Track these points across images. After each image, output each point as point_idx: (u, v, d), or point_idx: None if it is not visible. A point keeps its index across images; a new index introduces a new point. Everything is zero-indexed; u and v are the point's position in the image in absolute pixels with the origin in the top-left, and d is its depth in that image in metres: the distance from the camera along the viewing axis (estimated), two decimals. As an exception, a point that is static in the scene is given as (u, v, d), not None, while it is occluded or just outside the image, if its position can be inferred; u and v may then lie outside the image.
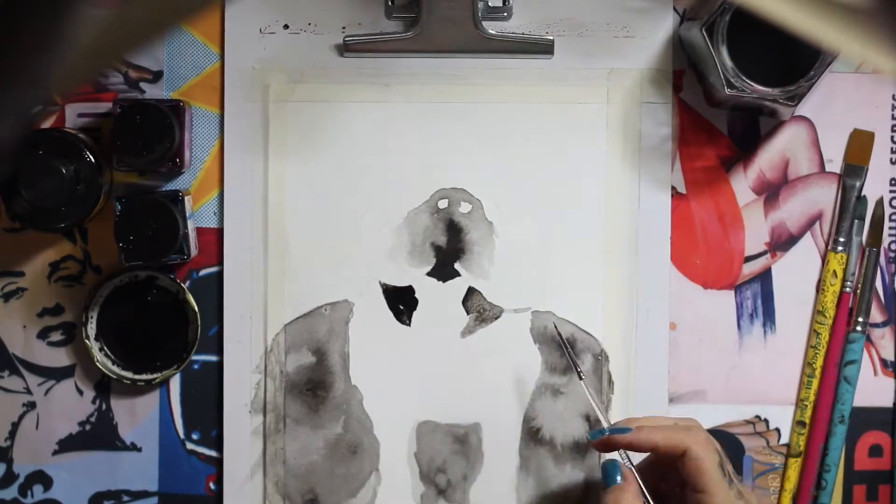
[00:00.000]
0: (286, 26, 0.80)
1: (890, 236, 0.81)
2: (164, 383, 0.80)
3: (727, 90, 0.73)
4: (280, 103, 0.79)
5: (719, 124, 0.80)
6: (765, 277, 0.81)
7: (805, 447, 0.80)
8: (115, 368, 0.79)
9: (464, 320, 0.80)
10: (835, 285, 0.80)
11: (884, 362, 0.81)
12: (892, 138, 0.81)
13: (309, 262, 0.80)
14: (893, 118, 0.81)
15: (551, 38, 0.79)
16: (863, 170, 0.80)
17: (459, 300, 0.80)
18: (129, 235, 0.75)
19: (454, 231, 0.80)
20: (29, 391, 0.80)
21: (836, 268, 0.80)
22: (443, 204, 0.80)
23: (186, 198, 0.77)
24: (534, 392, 0.80)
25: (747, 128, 0.80)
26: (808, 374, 0.80)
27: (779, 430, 0.81)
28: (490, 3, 0.79)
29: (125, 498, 0.80)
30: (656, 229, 0.80)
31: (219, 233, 0.80)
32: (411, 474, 0.80)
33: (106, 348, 0.79)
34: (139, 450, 0.80)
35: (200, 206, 0.80)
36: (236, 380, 0.80)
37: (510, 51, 0.79)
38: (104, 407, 0.80)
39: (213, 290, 0.80)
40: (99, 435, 0.80)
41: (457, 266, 0.80)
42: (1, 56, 0.33)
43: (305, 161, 0.79)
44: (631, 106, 0.80)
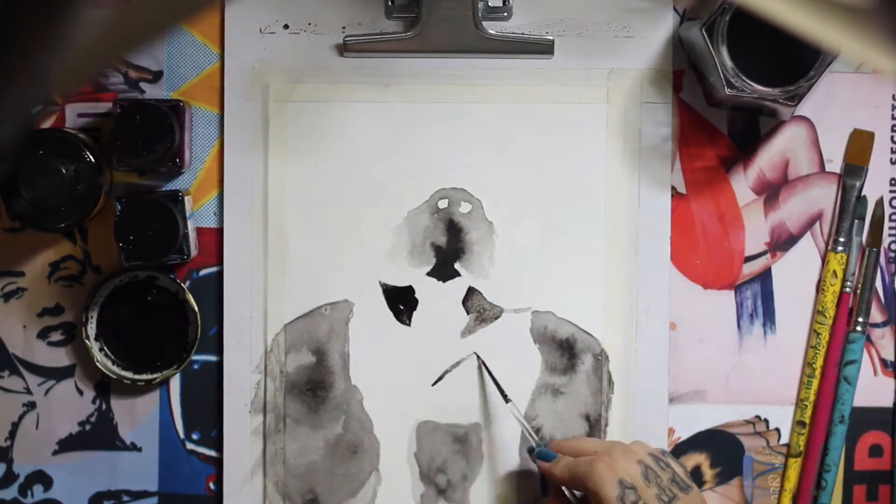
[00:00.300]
0: (286, 26, 0.80)
1: (890, 236, 0.81)
2: (164, 383, 0.80)
3: (727, 90, 0.73)
4: (280, 103, 0.79)
5: (719, 124, 0.80)
6: (765, 277, 0.81)
7: (805, 447, 0.80)
8: (115, 368, 0.79)
9: (464, 320, 0.80)
10: (835, 285, 0.80)
11: (884, 362, 0.81)
12: (892, 138, 0.81)
13: (309, 262, 0.80)
14: (893, 118, 0.81)
15: (551, 38, 0.79)
16: (863, 170, 0.80)
17: (459, 300, 0.80)
18: (129, 235, 0.75)
19: (454, 231, 0.80)
20: (29, 391, 0.80)
21: (836, 268, 0.80)
22: (443, 204, 0.80)
23: (186, 198, 0.77)
24: (534, 392, 0.80)
25: (747, 128, 0.80)
26: (808, 374, 0.80)
27: (779, 430, 0.81)
28: (490, 3, 0.79)
29: (125, 498, 0.80)
30: (656, 229, 0.80)
31: (219, 233, 0.80)
32: (411, 474, 0.80)
33: (106, 348, 0.79)
34: (139, 450, 0.80)
35: (200, 206, 0.80)
36: (236, 380, 0.80)
37: (510, 51, 0.79)
38: (104, 407, 0.80)
39: (213, 290, 0.80)
40: (99, 435, 0.80)
41: (457, 266, 0.80)
42: (1, 56, 0.33)
43: (305, 161, 0.79)
44: (631, 106, 0.80)
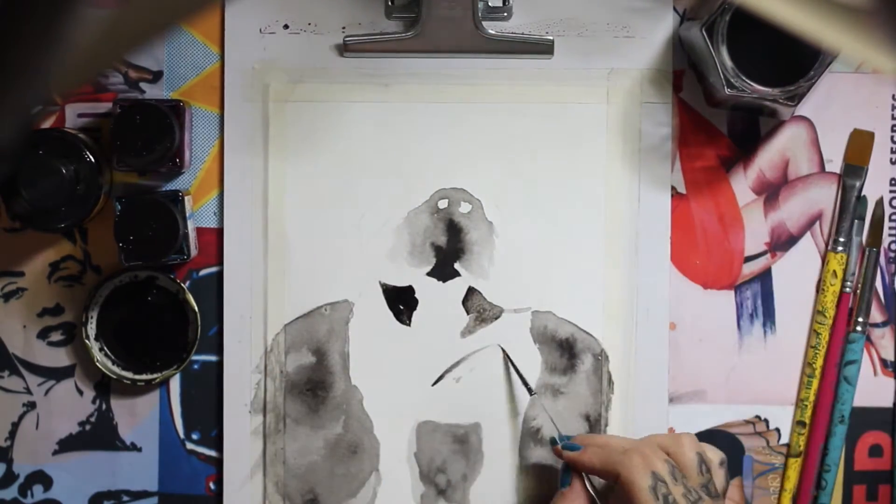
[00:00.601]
0: (286, 26, 0.80)
1: (890, 236, 0.81)
2: (164, 383, 0.80)
3: (727, 90, 0.73)
4: (280, 103, 0.79)
5: (719, 124, 0.80)
6: (765, 277, 0.81)
7: (805, 447, 0.80)
8: (115, 368, 0.79)
9: (464, 320, 0.80)
10: (835, 285, 0.80)
11: (884, 362, 0.81)
12: (892, 138, 0.81)
13: (309, 262, 0.80)
14: (893, 118, 0.81)
15: (551, 38, 0.79)
16: (863, 170, 0.80)
17: (459, 300, 0.80)
18: (129, 235, 0.75)
19: (454, 231, 0.80)
20: (29, 391, 0.80)
21: (836, 268, 0.80)
22: (443, 204, 0.80)
23: (186, 198, 0.77)
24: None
25: (747, 128, 0.80)
26: (808, 374, 0.80)
27: (779, 430, 0.81)
28: (490, 3, 0.79)
29: (125, 498, 0.80)
30: (656, 229, 0.80)
31: (219, 233, 0.80)
32: (411, 474, 0.80)
33: (106, 348, 0.79)
34: (139, 450, 0.80)
35: (200, 206, 0.80)
36: (236, 380, 0.80)
37: (510, 51, 0.79)
38: (104, 407, 0.80)
39: (213, 290, 0.80)
40: (99, 435, 0.80)
41: (457, 266, 0.80)
42: (1, 56, 0.33)
43: (305, 161, 0.79)
44: (631, 106, 0.80)
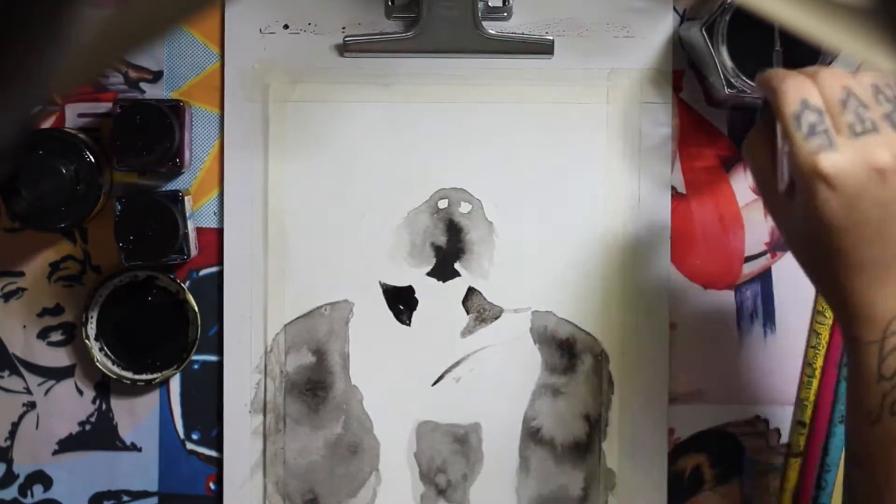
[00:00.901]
0: (286, 26, 0.80)
1: (890, 236, 0.81)
2: (164, 383, 0.80)
3: (727, 90, 0.73)
4: (280, 103, 0.79)
5: (719, 124, 0.80)
6: (765, 277, 0.81)
7: (805, 447, 0.80)
8: (115, 368, 0.79)
9: (464, 320, 0.80)
10: (835, 285, 0.80)
11: (884, 362, 0.81)
12: (892, 138, 0.80)
13: (309, 262, 0.80)
14: (893, 118, 0.80)
15: (551, 38, 0.79)
16: (863, 170, 0.80)
17: (459, 300, 0.80)
18: (129, 235, 0.75)
19: (454, 231, 0.80)
20: (29, 391, 0.80)
21: (836, 268, 0.80)
22: (443, 204, 0.80)
23: (186, 198, 0.77)
24: (534, 392, 0.80)
25: (747, 128, 0.80)
26: (808, 374, 0.80)
27: (779, 430, 0.81)
28: (490, 3, 0.79)
29: (125, 498, 0.80)
30: (656, 229, 0.80)
31: (219, 233, 0.80)
32: (411, 474, 0.80)
33: (106, 348, 0.79)
34: (139, 450, 0.80)
35: (200, 206, 0.80)
36: (236, 380, 0.80)
37: (510, 51, 0.79)
38: (104, 407, 0.80)
39: (213, 290, 0.80)
40: (99, 435, 0.80)
41: (457, 266, 0.80)
42: (1, 56, 0.33)
43: (305, 161, 0.79)
44: (631, 106, 0.80)
